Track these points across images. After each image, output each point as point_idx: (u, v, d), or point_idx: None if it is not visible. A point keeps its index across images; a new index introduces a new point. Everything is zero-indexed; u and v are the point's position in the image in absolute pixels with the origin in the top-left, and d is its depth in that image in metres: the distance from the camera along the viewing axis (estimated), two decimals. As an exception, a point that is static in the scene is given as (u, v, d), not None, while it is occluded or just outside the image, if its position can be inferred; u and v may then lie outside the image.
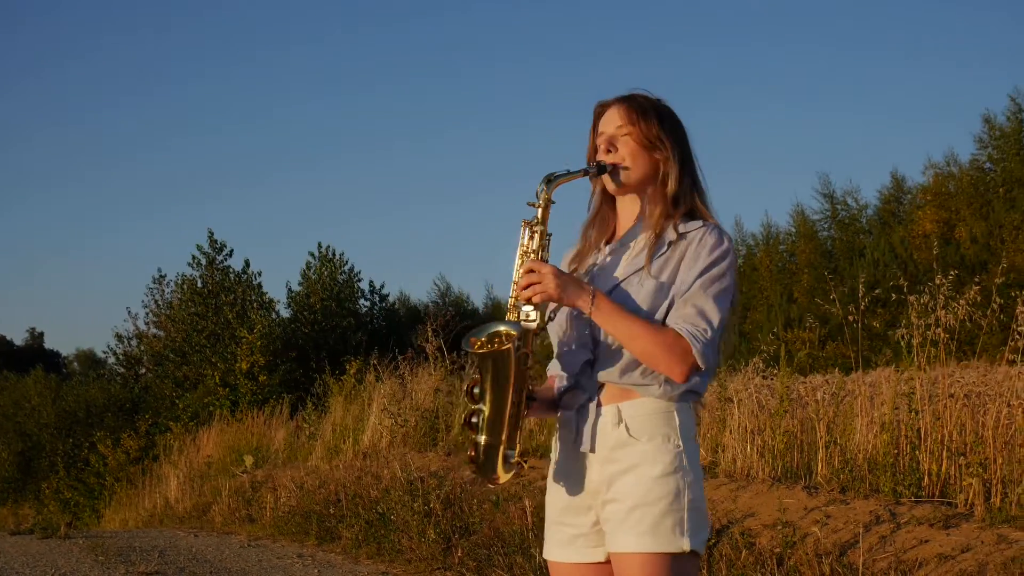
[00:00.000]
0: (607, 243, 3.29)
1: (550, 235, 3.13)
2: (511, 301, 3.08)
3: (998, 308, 7.55)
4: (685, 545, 2.98)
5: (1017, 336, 7.16)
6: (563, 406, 3.22)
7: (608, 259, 3.23)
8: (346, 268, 33.55)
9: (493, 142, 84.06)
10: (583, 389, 3.16)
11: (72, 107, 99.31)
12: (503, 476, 3.11)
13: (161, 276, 32.84)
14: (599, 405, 3.11)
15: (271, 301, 29.26)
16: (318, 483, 12.58)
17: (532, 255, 3.11)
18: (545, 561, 3.38)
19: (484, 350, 3.00)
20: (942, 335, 7.58)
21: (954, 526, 6.49)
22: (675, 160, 3.15)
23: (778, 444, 8.52)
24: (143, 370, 32.86)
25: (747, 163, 77.88)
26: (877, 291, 9.01)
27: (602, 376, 3.11)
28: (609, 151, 3.17)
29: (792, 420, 8.79)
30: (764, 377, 10.20)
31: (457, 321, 15.52)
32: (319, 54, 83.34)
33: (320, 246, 33.18)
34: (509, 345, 2.97)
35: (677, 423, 3.06)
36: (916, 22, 74.27)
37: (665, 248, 3.10)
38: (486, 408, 3.03)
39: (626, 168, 3.16)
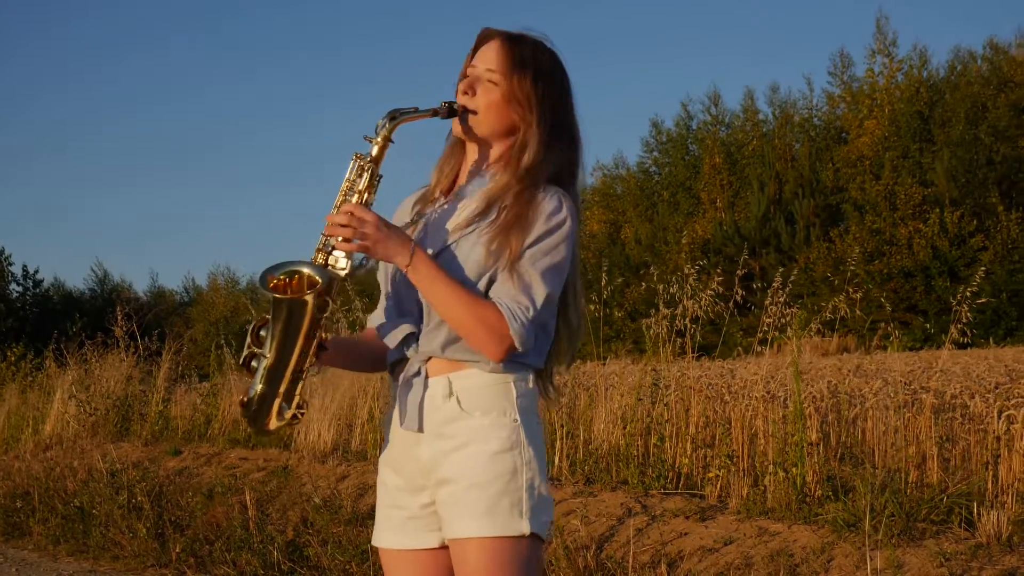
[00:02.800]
0: (447, 191, 3.02)
1: (381, 177, 2.85)
2: (321, 240, 2.80)
3: (740, 299, 7.59)
4: (524, 528, 2.78)
5: (765, 329, 7.24)
6: (392, 376, 2.98)
7: (441, 213, 2.95)
8: (-5, 251, 31.91)
9: (148, 121, 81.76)
10: (409, 360, 2.90)
11: None
12: (274, 424, 2.86)
13: None
14: (426, 377, 2.86)
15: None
16: (1, 475, 11.63)
17: (357, 196, 2.82)
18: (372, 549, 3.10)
19: (281, 295, 2.74)
20: (689, 325, 7.59)
21: (710, 518, 6.47)
22: (539, 129, 2.87)
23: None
24: None
25: (416, 157, 78.33)
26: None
27: (424, 349, 2.86)
28: (467, 92, 2.89)
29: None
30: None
31: (151, 306, 14.76)
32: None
33: (-33, 228, 31.42)
34: (309, 295, 2.73)
35: (514, 395, 2.83)
36: (591, 23, 76.58)
37: (495, 213, 2.82)
38: (269, 355, 2.78)
39: (475, 114, 2.89)
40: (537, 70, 2.87)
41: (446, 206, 2.94)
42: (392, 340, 2.89)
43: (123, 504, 9.01)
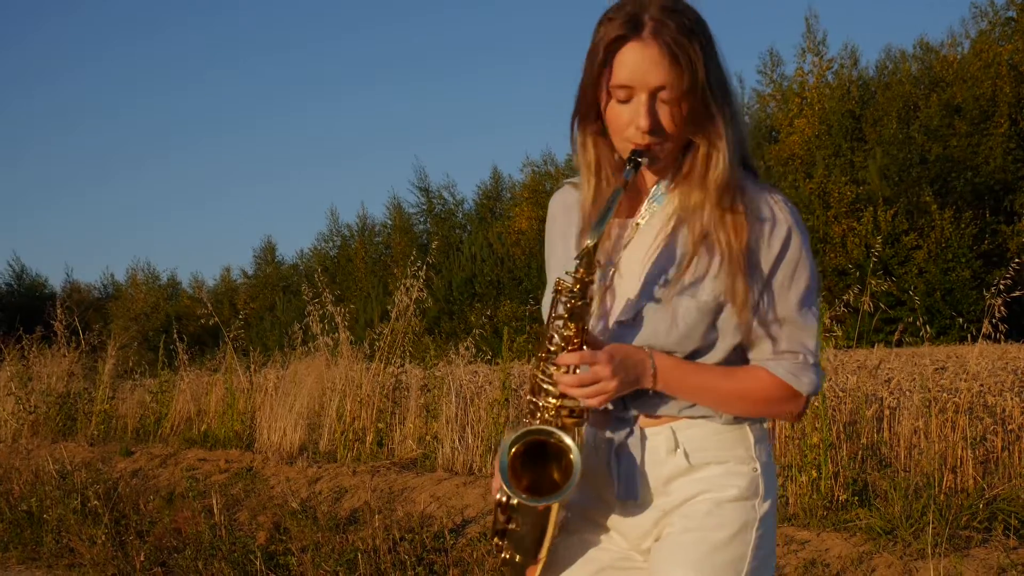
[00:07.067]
0: (620, 214, 2.40)
1: (592, 300, 2.27)
2: (543, 387, 2.28)
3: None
4: None
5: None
6: (589, 422, 2.39)
7: (625, 255, 2.35)
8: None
9: (67, 109, 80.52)
10: (617, 418, 2.37)
11: None
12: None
13: None
14: (642, 431, 2.35)
15: None
16: (-62, 477, 11.00)
17: (574, 337, 2.25)
18: None
19: (539, 502, 2.26)
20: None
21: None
22: (725, 130, 2.24)
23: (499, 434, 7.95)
24: None
25: (345, 152, 77.89)
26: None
27: (639, 410, 2.36)
28: (654, 131, 2.22)
29: (511, 409, 8.25)
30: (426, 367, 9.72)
31: (93, 300, 14.18)
32: None
33: None
34: (569, 491, 2.22)
35: (751, 440, 2.36)
36: (518, 18, 76.39)
37: (693, 243, 2.27)
38: (524, 530, 2.36)
39: (659, 158, 2.29)
40: (703, 59, 2.22)
41: (627, 248, 2.36)
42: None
43: (76, 508, 8.47)
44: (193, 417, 11.18)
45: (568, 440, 2.22)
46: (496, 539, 2.41)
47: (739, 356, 2.35)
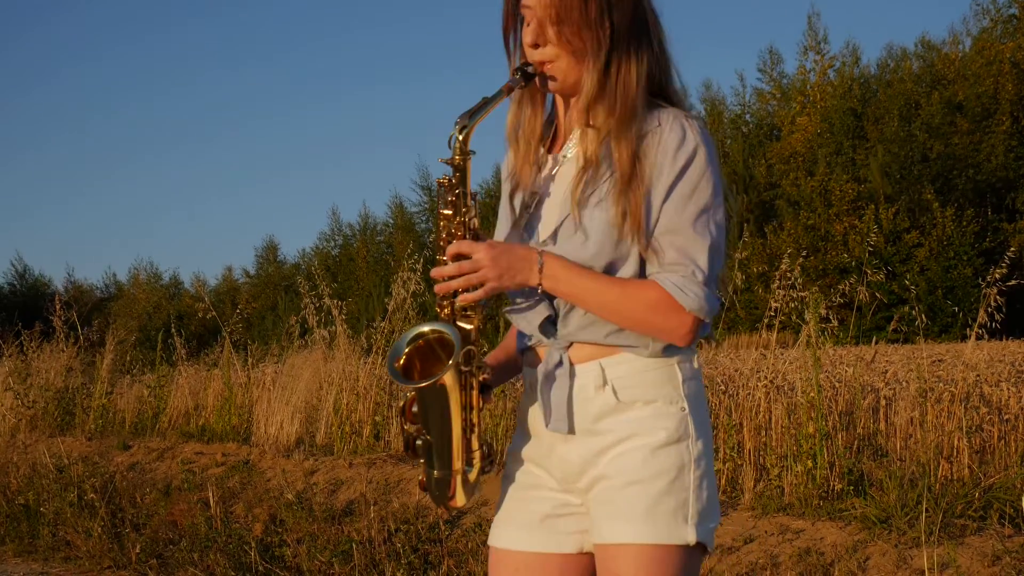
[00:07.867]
0: (550, 150, 2.52)
1: (475, 195, 2.36)
2: (440, 290, 2.35)
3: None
4: (689, 536, 2.31)
5: (771, 315, 6.89)
6: (526, 363, 2.53)
7: (551, 182, 2.45)
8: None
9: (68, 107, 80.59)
10: (547, 350, 2.42)
11: None
12: (462, 499, 2.44)
13: None
14: (572, 366, 2.37)
15: None
16: (-65, 471, 10.99)
17: (456, 229, 2.34)
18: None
19: (417, 383, 2.31)
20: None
21: (722, 514, 6.07)
22: (599, 52, 2.32)
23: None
24: None
25: (347, 152, 77.91)
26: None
27: (568, 337, 2.40)
28: (537, 44, 2.36)
29: (509, 401, 8.23)
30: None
31: (95, 299, 14.15)
32: None
33: None
34: (446, 374, 2.29)
35: (680, 379, 2.37)
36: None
37: (604, 171, 2.34)
38: (431, 437, 2.38)
39: (553, 77, 2.39)
40: None
41: (554, 177, 2.46)
42: (528, 326, 2.45)
43: (73, 502, 8.47)
44: (191, 411, 11.17)
45: (440, 325, 2.33)
46: (409, 451, 2.42)
47: None
